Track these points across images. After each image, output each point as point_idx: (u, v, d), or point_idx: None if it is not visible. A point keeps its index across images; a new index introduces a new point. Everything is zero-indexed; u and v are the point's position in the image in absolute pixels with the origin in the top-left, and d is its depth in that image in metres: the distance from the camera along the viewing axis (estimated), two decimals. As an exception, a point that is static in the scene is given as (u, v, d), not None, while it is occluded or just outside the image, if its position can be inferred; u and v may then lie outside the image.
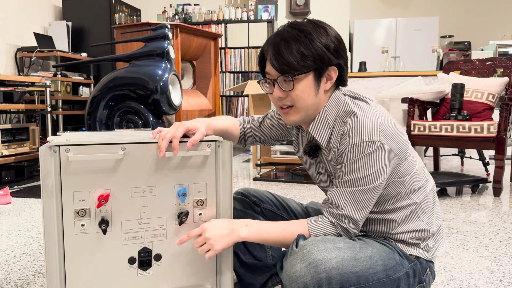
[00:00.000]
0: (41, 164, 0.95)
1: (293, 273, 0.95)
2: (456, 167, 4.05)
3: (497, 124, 2.74)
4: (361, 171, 1.01)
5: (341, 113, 1.06)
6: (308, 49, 0.99)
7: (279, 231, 1.03)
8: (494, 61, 3.22)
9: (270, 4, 5.96)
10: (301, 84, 1.02)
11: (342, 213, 1.02)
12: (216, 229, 1.01)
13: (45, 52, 4.34)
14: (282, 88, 1.04)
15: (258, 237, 1.03)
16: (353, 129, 1.01)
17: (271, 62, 1.03)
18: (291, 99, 1.04)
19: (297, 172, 3.63)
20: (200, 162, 1.06)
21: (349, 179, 1.02)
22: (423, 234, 1.10)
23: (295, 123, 1.09)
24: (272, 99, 1.08)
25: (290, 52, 1.00)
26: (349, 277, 0.94)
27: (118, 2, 5.13)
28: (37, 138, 3.61)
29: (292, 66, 1.00)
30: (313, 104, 1.06)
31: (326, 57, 1.01)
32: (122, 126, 2.47)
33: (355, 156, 1.00)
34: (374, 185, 1.01)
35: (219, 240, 1.00)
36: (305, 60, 1.00)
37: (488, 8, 6.18)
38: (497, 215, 2.33)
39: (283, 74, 1.02)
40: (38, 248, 1.82)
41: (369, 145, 0.99)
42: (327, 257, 0.94)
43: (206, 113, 3.77)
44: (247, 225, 1.03)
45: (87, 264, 1.00)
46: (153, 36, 2.50)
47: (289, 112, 1.07)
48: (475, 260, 1.65)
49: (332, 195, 1.04)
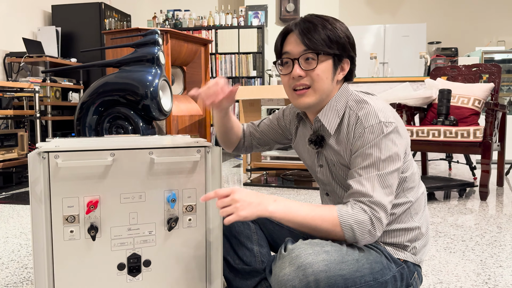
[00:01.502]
0: (30, 171, 0.95)
1: (281, 277, 0.96)
2: (444, 171, 4.11)
3: (483, 129, 2.79)
4: (383, 152, 1.00)
5: (351, 102, 1.09)
6: (333, 35, 1.05)
7: (308, 212, 0.99)
8: (480, 67, 3.28)
9: (260, 11, 6.00)
10: (322, 65, 1.06)
11: (372, 199, 0.99)
12: (246, 195, 0.98)
13: (34, 58, 4.31)
14: (302, 68, 1.06)
15: (285, 215, 0.99)
16: (368, 113, 1.04)
17: (300, 38, 1.05)
18: (310, 79, 1.07)
19: (288, 177, 3.64)
20: (190, 167, 1.07)
21: (372, 163, 1.01)
22: (414, 234, 1.12)
23: (308, 106, 1.10)
24: (287, 80, 1.09)
25: (318, 33, 1.04)
26: (336, 280, 0.96)
27: (108, 7, 5.12)
28: (25, 144, 3.58)
29: (318, 45, 1.04)
30: (328, 89, 1.08)
31: (346, 47, 1.07)
32: (112, 132, 2.47)
33: (374, 137, 1.01)
34: (397, 167, 1.01)
35: (246, 207, 0.97)
36: (331, 43, 1.05)
37: (474, 15, 6.30)
38: (483, 219, 2.36)
39: (310, 51, 1.04)
40: (26, 255, 1.80)
41: (386, 125, 1.02)
42: (315, 261, 0.95)
43: (197, 118, 3.78)
44: (275, 200, 1.00)
45: (76, 270, 1.00)
46: (143, 41, 2.50)
47: (305, 94, 1.08)
48: (462, 263, 1.68)
49: (357, 184, 1.01)
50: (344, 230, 0.98)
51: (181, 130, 3.52)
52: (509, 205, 2.70)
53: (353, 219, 0.98)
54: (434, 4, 6.40)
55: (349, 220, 0.98)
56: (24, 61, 4.27)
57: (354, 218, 0.98)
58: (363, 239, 0.99)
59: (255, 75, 5.83)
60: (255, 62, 5.82)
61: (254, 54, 5.82)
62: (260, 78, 5.84)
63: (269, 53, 6.17)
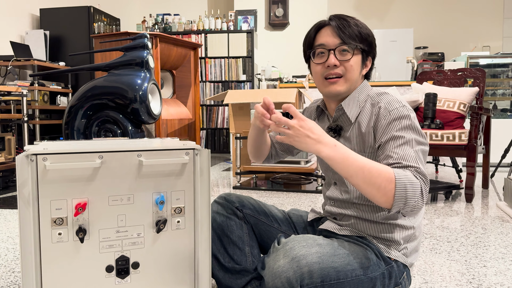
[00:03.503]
0: (18, 173, 0.95)
1: (276, 269, 0.98)
2: (431, 174, 4.16)
3: (468, 132, 2.84)
4: (414, 132, 1.06)
5: (372, 94, 1.17)
6: (364, 32, 1.15)
7: (366, 163, 0.97)
8: (465, 71, 3.35)
9: (249, 15, 6.03)
10: (355, 58, 1.14)
11: (419, 170, 0.98)
12: (308, 128, 0.98)
13: (22, 61, 4.27)
14: (337, 58, 1.13)
15: (342, 160, 0.97)
16: (392, 100, 1.11)
17: (336, 32, 1.13)
18: (343, 69, 1.14)
19: (277, 180, 3.66)
20: (178, 169, 1.08)
21: (407, 141, 1.03)
22: (408, 233, 1.14)
23: (338, 94, 1.16)
24: (320, 68, 1.16)
25: (352, 29, 1.13)
26: (329, 271, 0.98)
27: (97, 11, 5.11)
28: (13, 148, 3.54)
29: (354, 40, 1.13)
30: (356, 80, 1.17)
31: (373, 45, 1.17)
32: (100, 136, 2.46)
33: (402, 119, 1.07)
34: (427, 148, 1.08)
35: (301, 139, 0.99)
36: (363, 39, 1.14)
37: (460, 21, 6.41)
38: (468, 220, 2.41)
39: (344, 44, 1.12)
40: (13, 259, 1.79)
41: (408, 109, 1.09)
42: (308, 252, 0.98)
43: (186, 122, 3.78)
44: (335, 145, 0.99)
45: (64, 273, 1.00)
46: (132, 45, 2.50)
47: (337, 82, 1.15)
48: (447, 264, 1.71)
49: (399, 159, 1.01)
50: (397, 188, 0.94)
51: (170, 133, 3.51)
52: (494, 207, 2.75)
53: (408, 180, 0.95)
54: (421, 10, 6.50)
55: (404, 179, 0.95)
56: (11, 65, 4.23)
57: (410, 179, 0.95)
58: (413, 202, 0.96)
59: (244, 79, 5.85)
60: (245, 66, 5.84)
61: (243, 58, 5.84)
62: (250, 82, 5.87)
63: (259, 57, 6.20)
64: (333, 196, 1.23)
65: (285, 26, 6.11)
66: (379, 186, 0.95)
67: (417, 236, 1.17)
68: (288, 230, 1.34)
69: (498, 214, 2.55)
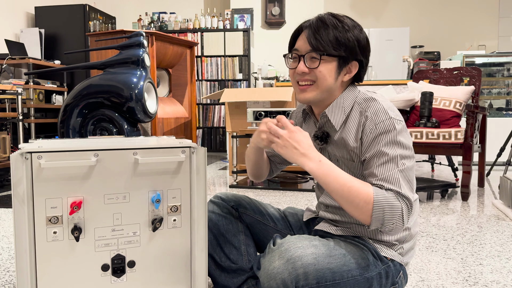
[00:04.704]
0: (13, 171, 0.94)
1: (271, 270, 0.97)
2: (427, 172, 4.17)
3: (464, 131, 2.85)
4: (400, 149, 1.02)
5: (359, 99, 1.12)
6: (342, 37, 1.07)
7: (346, 182, 0.98)
8: (461, 70, 3.35)
9: (246, 14, 6.02)
10: (325, 65, 1.09)
11: (401, 193, 0.98)
12: (296, 140, 1.01)
13: (17, 60, 4.25)
14: (306, 65, 1.09)
15: (323, 177, 0.99)
16: (378, 110, 1.06)
17: (307, 38, 1.08)
18: (314, 75, 1.09)
19: (273, 179, 3.66)
20: (174, 168, 1.07)
21: (390, 159, 1.01)
22: (403, 234, 1.13)
23: (309, 101, 1.13)
24: (293, 74, 1.14)
25: (327, 34, 1.07)
26: (325, 273, 0.97)
27: (93, 9, 5.08)
28: (8, 146, 3.52)
29: (324, 47, 1.07)
30: (331, 87, 1.11)
31: (354, 50, 1.09)
32: (96, 134, 2.45)
33: (388, 134, 1.03)
34: (413, 163, 1.04)
35: (288, 149, 1.01)
36: (337, 45, 1.07)
37: (456, 20, 6.43)
38: (464, 219, 2.41)
39: (314, 51, 1.07)
40: (8, 258, 1.78)
41: (397, 122, 1.05)
42: (304, 254, 0.97)
43: (182, 120, 3.77)
44: (320, 161, 1.00)
45: (60, 272, 0.99)
46: (128, 43, 2.49)
47: (307, 89, 1.11)
48: (443, 262, 1.71)
49: (381, 181, 1.00)
50: (374, 209, 0.96)
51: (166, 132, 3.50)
52: (490, 205, 2.77)
53: (387, 203, 0.96)
54: (417, 9, 6.52)
55: (383, 202, 0.96)
56: (6, 63, 4.20)
57: (389, 202, 0.97)
58: (390, 225, 0.98)
59: (241, 78, 5.85)
60: (241, 65, 5.84)
61: (240, 57, 5.83)
62: (246, 81, 5.86)
63: (255, 56, 6.19)
64: (326, 202, 1.22)
65: (282, 24, 6.11)
66: (357, 205, 0.98)
67: (413, 235, 1.17)
68: (284, 229, 1.33)
69: (493, 213, 2.56)
